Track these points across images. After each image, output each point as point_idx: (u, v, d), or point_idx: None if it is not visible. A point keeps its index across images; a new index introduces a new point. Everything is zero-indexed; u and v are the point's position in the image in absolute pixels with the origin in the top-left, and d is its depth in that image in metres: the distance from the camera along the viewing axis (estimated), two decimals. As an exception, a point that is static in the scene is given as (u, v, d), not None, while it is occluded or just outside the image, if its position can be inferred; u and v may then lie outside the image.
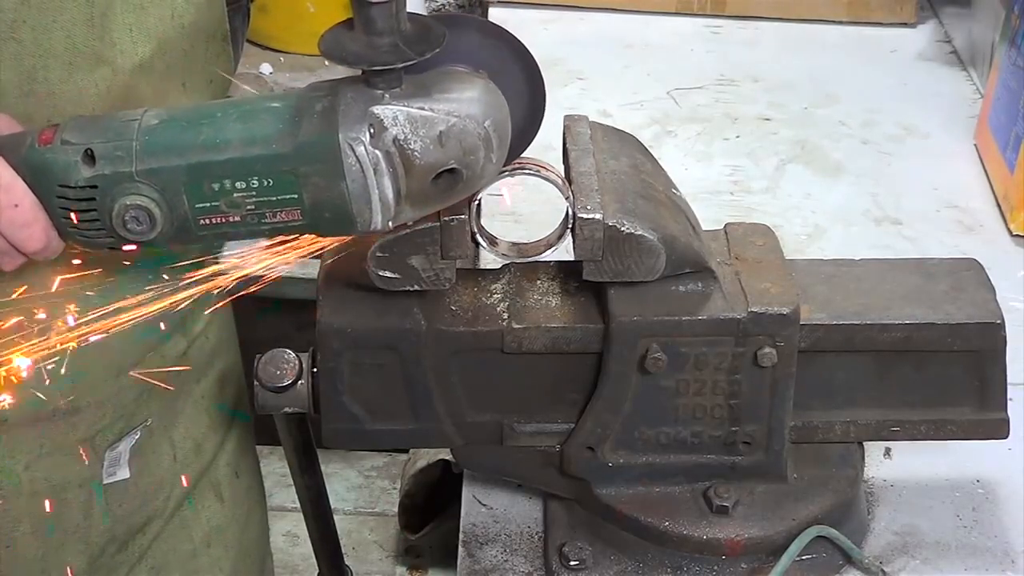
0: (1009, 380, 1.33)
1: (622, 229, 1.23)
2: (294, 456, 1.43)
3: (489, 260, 1.34)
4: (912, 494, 1.43)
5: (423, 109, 1.11)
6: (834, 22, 2.44)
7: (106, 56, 1.25)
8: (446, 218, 1.21)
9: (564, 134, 1.33)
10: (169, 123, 1.14)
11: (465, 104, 1.12)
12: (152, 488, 1.48)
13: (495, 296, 1.30)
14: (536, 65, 1.23)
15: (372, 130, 1.10)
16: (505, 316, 1.28)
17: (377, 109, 1.11)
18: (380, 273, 1.24)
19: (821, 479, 1.34)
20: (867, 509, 1.40)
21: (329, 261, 1.29)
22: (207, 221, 1.14)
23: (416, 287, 1.24)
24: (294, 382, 1.29)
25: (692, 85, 2.24)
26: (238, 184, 1.12)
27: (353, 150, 1.10)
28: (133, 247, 1.16)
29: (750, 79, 2.26)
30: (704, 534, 1.29)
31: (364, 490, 3.08)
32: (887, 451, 1.48)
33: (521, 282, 1.32)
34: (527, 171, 1.25)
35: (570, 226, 1.24)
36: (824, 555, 1.31)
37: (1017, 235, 1.86)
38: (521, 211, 1.77)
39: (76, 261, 1.22)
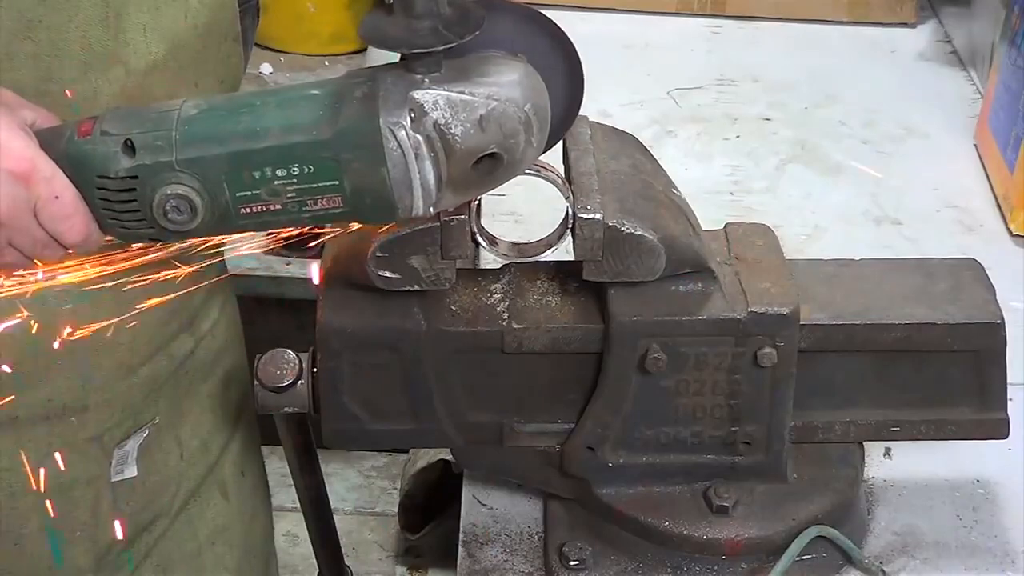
0: (1009, 380, 1.33)
1: (622, 229, 1.23)
2: (294, 456, 1.43)
3: (489, 260, 1.35)
4: (912, 494, 1.43)
5: (463, 93, 1.10)
6: (834, 22, 2.44)
7: (120, 56, 1.25)
8: (446, 218, 1.21)
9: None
10: (208, 112, 1.13)
11: (505, 88, 1.12)
12: (159, 486, 1.48)
13: (495, 296, 1.30)
14: (575, 49, 1.22)
15: (413, 115, 1.10)
16: (505, 316, 1.28)
17: (417, 94, 1.10)
18: (380, 273, 1.24)
19: (821, 479, 1.34)
20: (867, 509, 1.40)
21: (329, 261, 1.29)
22: (248, 210, 1.13)
23: (416, 287, 1.24)
24: (294, 382, 1.29)
25: (692, 85, 2.24)
26: (279, 172, 1.11)
27: (394, 135, 1.09)
28: (175, 238, 1.16)
29: (750, 79, 2.26)
30: (704, 534, 1.29)
31: (364, 490, 3.08)
32: (887, 451, 1.48)
33: (521, 282, 1.32)
34: (527, 171, 1.25)
35: (570, 226, 1.24)
36: (824, 555, 1.31)
37: (1017, 235, 1.86)
38: (521, 211, 1.78)
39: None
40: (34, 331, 1.30)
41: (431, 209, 1.14)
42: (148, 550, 1.49)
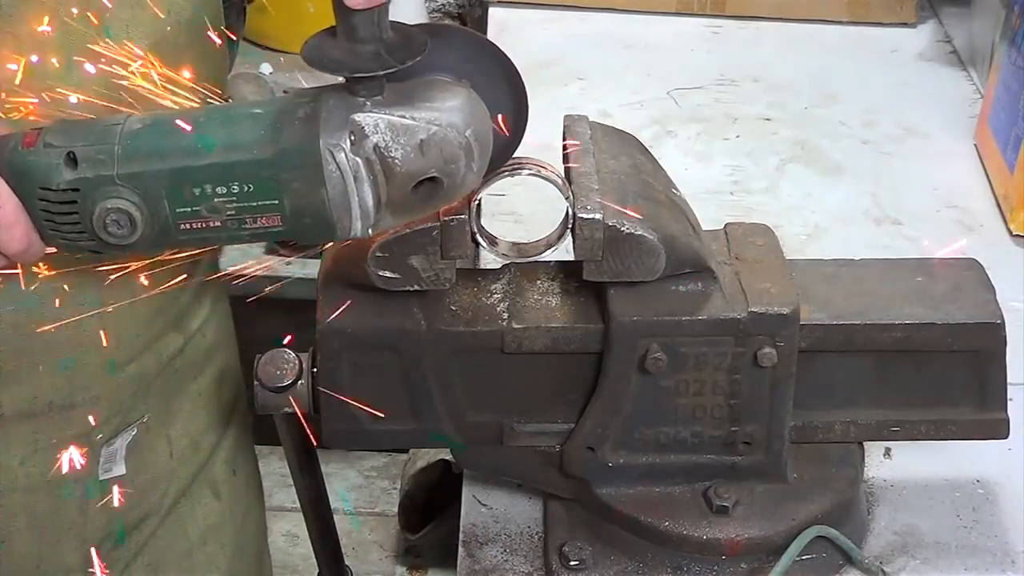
0: (1009, 380, 1.33)
1: (622, 229, 1.23)
2: (294, 456, 1.43)
3: (489, 260, 1.35)
4: (912, 494, 1.43)
5: (404, 117, 1.11)
6: (834, 22, 2.44)
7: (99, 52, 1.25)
8: (446, 218, 1.21)
9: (564, 134, 1.33)
10: (151, 128, 1.14)
11: (447, 113, 1.12)
12: (148, 485, 1.48)
13: (495, 296, 1.30)
14: (519, 75, 1.23)
15: (353, 137, 1.10)
16: (505, 316, 1.28)
17: (358, 116, 1.11)
18: (380, 273, 1.24)
19: (821, 479, 1.34)
20: (867, 509, 1.40)
21: (329, 261, 1.29)
22: (188, 226, 1.14)
23: (416, 287, 1.24)
24: (294, 382, 1.29)
25: (692, 85, 2.24)
26: (219, 189, 1.12)
27: (333, 156, 1.10)
28: (114, 252, 1.17)
29: (750, 79, 2.26)
30: (704, 534, 1.29)
31: (364, 490, 3.09)
32: (887, 451, 1.48)
33: (521, 282, 1.32)
34: (527, 171, 1.25)
35: (570, 226, 1.24)
36: (824, 555, 1.31)
37: (1017, 235, 1.86)
38: (521, 211, 1.78)
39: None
40: (16, 328, 1.30)
41: (369, 231, 1.14)
42: (138, 549, 1.49)
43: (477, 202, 1.24)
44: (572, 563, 1.30)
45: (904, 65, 2.33)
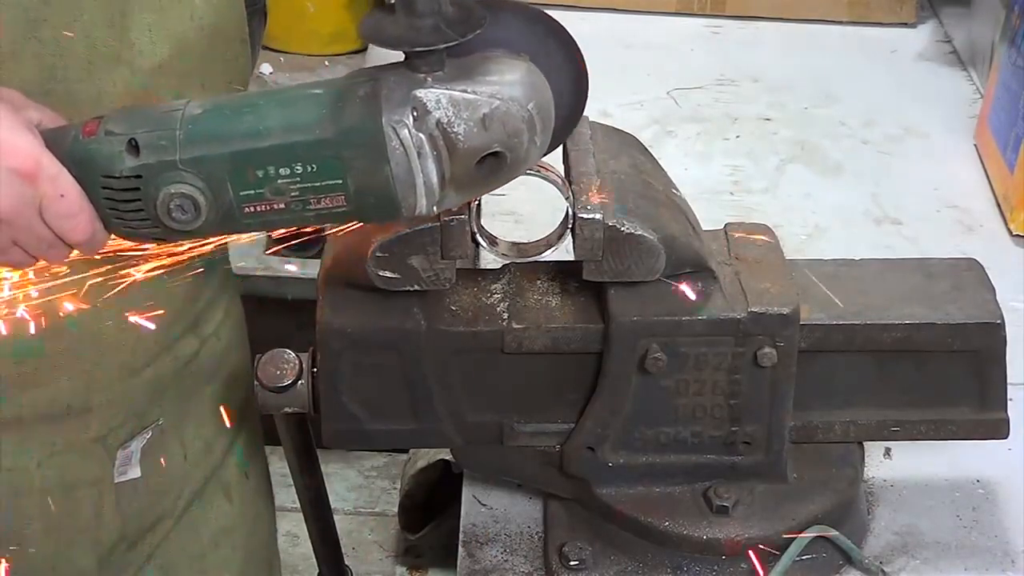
0: (1009, 380, 1.33)
1: (622, 229, 1.23)
2: (294, 456, 1.43)
3: (489, 260, 1.35)
4: (912, 494, 1.43)
5: (466, 92, 1.10)
6: (834, 22, 2.44)
7: (125, 56, 1.25)
8: (446, 218, 1.21)
9: (564, 134, 1.33)
10: (212, 112, 1.13)
11: (508, 87, 1.12)
12: (162, 488, 1.48)
13: (495, 296, 1.30)
14: (579, 49, 1.22)
15: (415, 113, 1.09)
16: (505, 316, 1.28)
17: (420, 92, 1.10)
18: (380, 273, 1.24)
19: (821, 479, 1.34)
20: (867, 509, 1.40)
21: (329, 261, 1.29)
22: (252, 209, 1.13)
23: (416, 287, 1.24)
24: (294, 382, 1.29)
25: (692, 85, 2.24)
26: (282, 171, 1.11)
27: (396, 133, 1.09)
28: (179, 238, 1.16)
29: (750, 79, 2.27)
30: (704, 534, 1.29)
31: (364, 490, 3.08)
32: (887, 451, 1.48)
33: (521, 282, 1.32)
34: (528, 171, 1.25)
35: (570, 226, 1.24)
36: (824, 555, 1.31)
37: (1017, 235, 1.86)
38: (521, 211, 1.78)
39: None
40: (36, 330, 1.29)
41: (434, 208, 1.13)
42: (151, 552, 1.49)
43: (477, 202, 1.24)
44: (572, 563, 1.30)
45: (904, 65, 2.33)
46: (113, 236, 1.17)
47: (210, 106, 1.14)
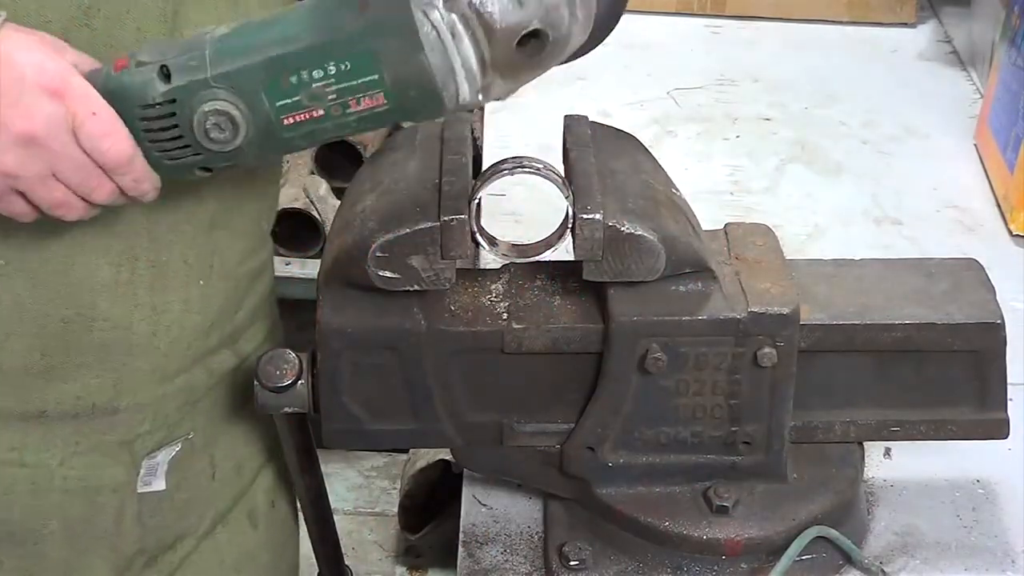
0: (1009, 380, 1.33)
1: (622, 229, 1.23)
2: (294, 456, 1.43)
3: (489, 260, 1.35)
4: (912, 494, 1.43)
5: None
6: (834, 22, 2.44)
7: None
8: (446, 218, 1.21)
9: (564, 134, 1.33)
10: (240, 28, 1.12)
11: None
12: (187, 505, 1.45)
13: (495, 296, 1.30)
14: None
15: None
16: (505, 316, 1.28)
17: None
18: (380, 273, 1.24)
19: (821, 479, 1.34)
20: (867, 509, 1.40)
21: (329, 261, 1.29)
22: (291, 120, 1.11)
23: (416, 287, 1.24)
24: (294, 382, 1.29)
25: (692, 85, 2.24)
26: (315, 73, 1.09)
27: (427, 16, 1.05)
28: (223, 163, 1.15)
29: (750, 79, 2.27)
30: (704, 534, 1.29)
31: (364, 490, 3.08)
32: (887, 451, 1.48)
33: (521, 282, 1.32)
34: (527, 171, 1.25)
35: (570, 226, 1.24)
36: (824, 555, 1.31)
37: (1017, 235, 1.86)
38: (521, 211, 1.78)
39: None
40: (66, 324, 1.29)
41: (479, 96, 1.10)
42: (171, 571, 1.46)
43: (477, 202, 1.24)
44: (572, 563, 1.30)
45: (904, 65, 2.33)
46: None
47: (238, 24, 1.13)
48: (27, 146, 1.11)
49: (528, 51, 1.08)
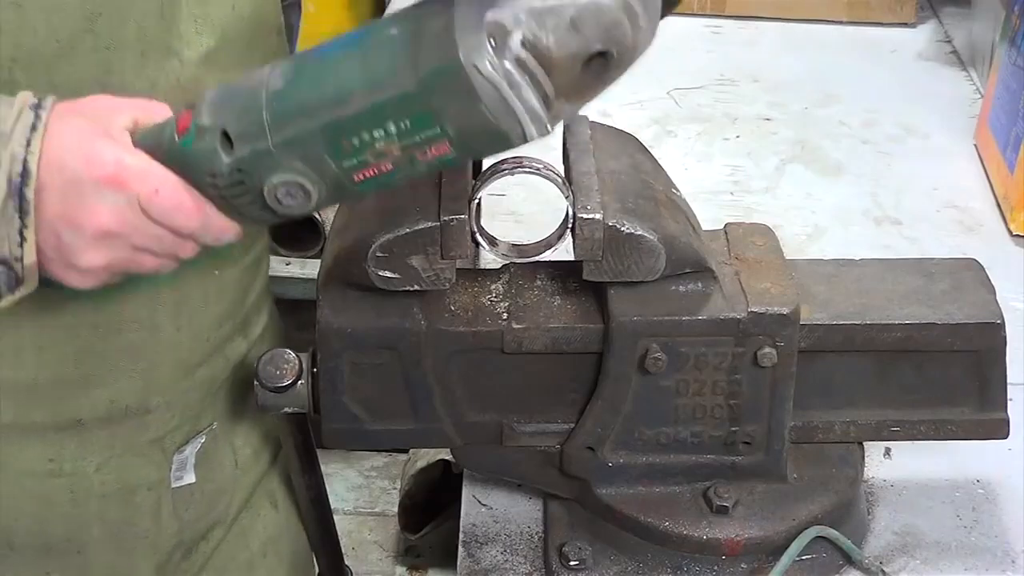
0: (1009, 380, 1.33)
1: (622, 229, 1.23)
2: (294, 456, 1.43)
3: (489, 260, 1.35)
4: (912, 494, 1.43)
5: None
6: (834, 22, 2.44)
7: (174, 48, 1.24)
8: (446, 218, 1.21)
9: (564, 134, 1.33)
10: (294, 83, 1.07)
11: None
12: (215, 494, 1.46)
13: (495, 296, 1.30)
14: None
15: (494, 41, 0.99)
16: (505, 316, 1.28)
17: (493, 14, 0.99)
18: (380, 273, 1.24)
19: (821, 479, 1.34)
20: (867, 509, 1.40)
21: (329, 261, 1.29)
22: (360, 177, 1.08)
23: (416, 287, 1.24)
24: (294, 382, 1.29)
25: (692, 85, 2.24)
26: (376, 133, 1.05)
27: (479, 71, 1.00)
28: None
29: (750, 79, 2.27)
30: (704, 534, 1.29)
31: (364, 490, 3.08)
32: (887, 451, 1.48)
33: (521, 282, 1.32)
34: (527, 171, 1.25)
35: (570, 226, 1.24)
36: (824, 555, 1.31)
37: (1017, 235, 1.87)
38: (521, 211, 1.78)
39: None
40: (95, 329, 1.29)
41: (548, 127, 1.05)
42: (205, 561, 1.47)
43: (477, 202, 1.24)
44: (572, 563, 1.30)
45: (904, 65, 2.33)
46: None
47: (291, 74, 1.08)
48: (105, 239, 1.10)
49: (593, 71, 1.03)
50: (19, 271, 1.09)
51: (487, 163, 1.27)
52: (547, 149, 1.31)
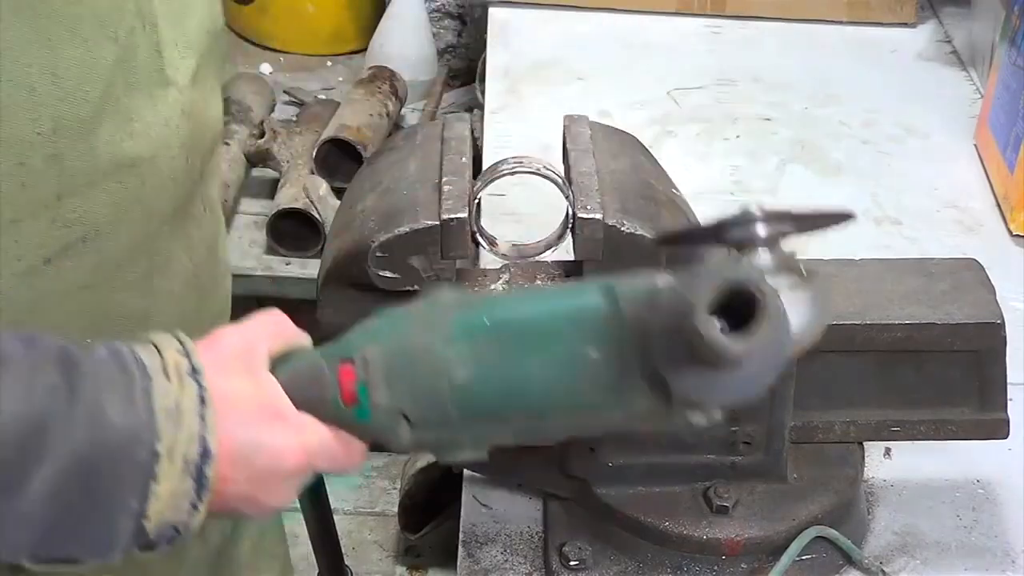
0: (1009, 380, 1.33)
1: (622, 229, 1.23)
2: (294, 456, 1.42)
3: (489, 260, 1.34)
4: (912, 494, 1.43)
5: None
6: (834, 22, 2.44)
7: (169, 77, 1.21)
8: (446, 218, 1.21)
9: (564, 134, 1.33)
10: (484, 382, 0.99)
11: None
12: None
13: (495, 296, 1.30)
14: None
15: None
16: (505, 316, 1.28)
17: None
18: (380, 273, 1.23)
19: (821, 479, 1.34)
20: (867, 509, 1.40)
21: (329, 261, 1.29)
22: None
23: (416, 287, 1.24)
24: (294, 382, 1.29)
25: (692, 85, 2.24)
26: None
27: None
28: None
29: (750, 79, 2.27)
30: (704, 534, 1.29)
31: (364, 490, 3.08)
32: (887, 451, 1.48)
33: (521, 282, 1.31)
34: (527, 171, 1.25)
35: (570, 226, 1.24)
36: (824, 555, 1.32)
37: (1017, 235, 1.87)
38: (521, 211, 1.77)
39: None
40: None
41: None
42: (204, 560, 1.48)
43: (477, 202, 1.24)
44: (572, 563, 1.30)
45: (904, 65, 2.33)
46: None
47: (476, 370, 0.99)
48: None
49: None
50: (183, 532, 1.03)
51: (487, 163, 1.27)
52: (547, 149, 1.32)
